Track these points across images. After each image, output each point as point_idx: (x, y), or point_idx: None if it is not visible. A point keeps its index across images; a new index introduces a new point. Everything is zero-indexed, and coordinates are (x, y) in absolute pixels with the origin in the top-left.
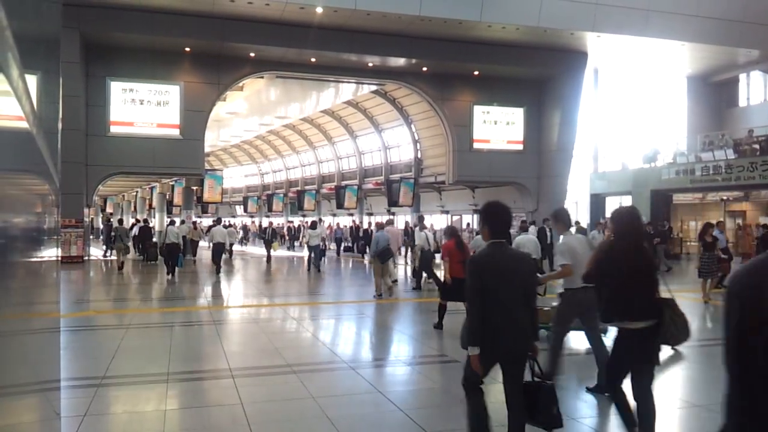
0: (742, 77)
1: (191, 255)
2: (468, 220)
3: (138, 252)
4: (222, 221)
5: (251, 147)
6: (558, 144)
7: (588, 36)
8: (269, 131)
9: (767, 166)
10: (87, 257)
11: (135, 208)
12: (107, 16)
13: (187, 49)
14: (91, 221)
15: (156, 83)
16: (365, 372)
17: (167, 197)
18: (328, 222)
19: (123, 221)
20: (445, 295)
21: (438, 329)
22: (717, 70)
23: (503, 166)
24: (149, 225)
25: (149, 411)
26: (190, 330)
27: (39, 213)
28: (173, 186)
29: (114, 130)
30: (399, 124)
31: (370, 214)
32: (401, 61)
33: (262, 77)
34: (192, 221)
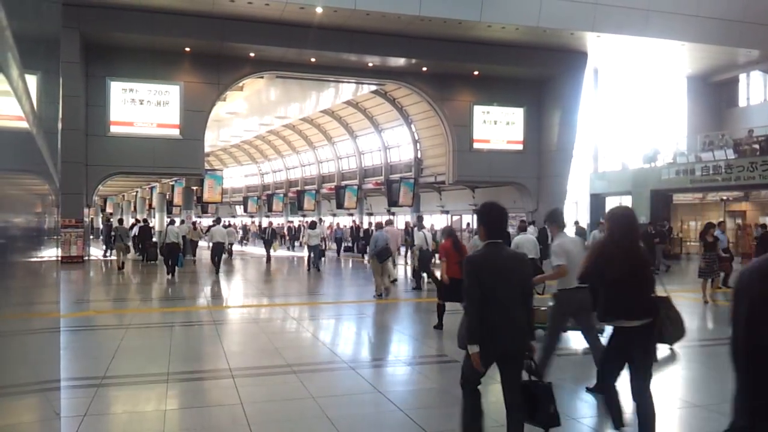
0: (742, 77)
1: (191, 255)
2: (468, 220)
3: (138, 252)
4: (221, 221)
5: (251, 147)
6: (558, 144)
7: (588, 36)
8: (269, 131)
9: (767, 166)
10: (87, 257)
11: (135, 208)
12: (107, 16)
13: (187, 49)
14: (91, 221)
15: (156, 83)
16: (365, 372)
17: (167, 197)
18: (328, 222)
19: (123, 221)
20: (443, 295)
21: (438, 329)
22: (717, 70)
23: (503, 166)
24: (149, 225)
25: (149, 411)
26: (190, 330)
27: (39, 213)
28: (173, 186)
29: (114, 130)
30: (399, 124)
31: (370, 214)
32: (401, 61)
33: (262, 77)
34: (192, 221)
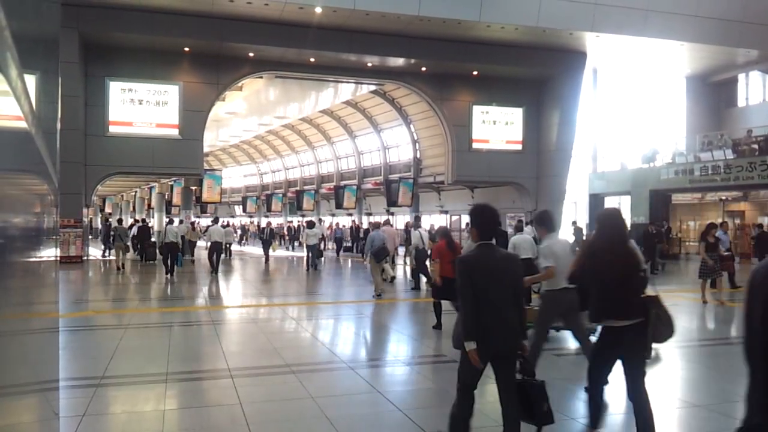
0: (741, 77)
1: (189, 255)
2: (467, 220)
3: (136, 252)
4: (219, 221)
5: (250, 147)
6: (557, 144)
7: (587, 36)
8: (268, 131)
9: (766, 166)
10: (86, 257)
11: (134, 208)
12: (106, 16)
13: (186, 49)
14: (90, 221)
15: (155, 83)
16: (364, 372)
17: (166, 197)
18: (328, 222)
19: (122, 221)
20: (437, 294)
21: (437, 329)
22: (716, 70)
23: (502, 166)
24: (148, 225)
25: (148, 411)
26: (188, 330)
27: (38, 213)
28: (172, 186)
29: (113, 130)
30: (398, 124)
31: (369, 214)
32: (400, 61)
33: (261, 77)
34: (190, 221)
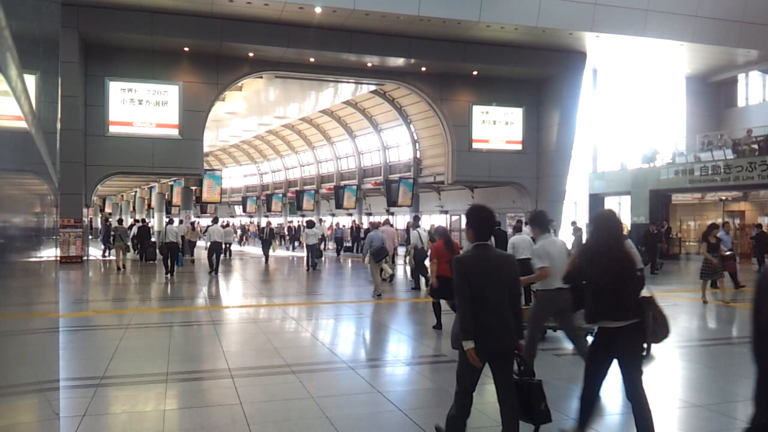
0: (740, 77)
1: (189, 255)
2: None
3: (136, 252)
4: (219, 221)
5: (250, 147)
6: (557, 144)
7: (587, 36)
8: (268, 131)
9: (766, 166)
10: (86, 257)
11: (134, 208)
12: (106, 16)
13: (186, 49)
14: (90, 221)
15: (155, 83)
16: (364, 372)
17: (166, 197)
18: (329, 222)
19: (123, 221)
20: (434, 293)
21: (437, 329)
22: (716, 70)
23: (502, 166)
24: (148, 225)
25: (148, 411)
26: (189, 330)
27: (38, 213)
28: (172, 186)
29: (113, 130)
30: (398, 124)
31: (369, 214)
32: (400, 61)
33: (260, 77)
34: (190, 221)
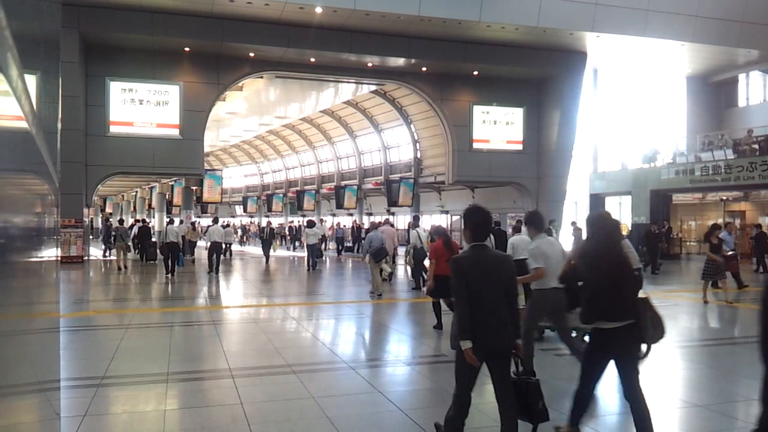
0: (741, 77)
1: (190, 255)
2: None
3: (137, 251)
4: (219, 221)
5: (251, 147)
6: (557, 144)
7: (587, 36)
8: (269, 131)
9: (766, 166)
10: (86, 257)
11: (134, 208)
12: (106, 16)
13: (187, 49)
14: (91, 221)
15: (155, 83)
16: (365, 372)
17: (167, 197)
18: (330, 222)
19: (123, 221)
20: (433, 293)
21: (438, 329)
22: (716, 70)
23: (503, 166)
24: (148, 225)
25: (149, 411)
26: (189, 330)
27: (38, 213)
28: (173, 186)
29: (113, 130)
30: (398, 124)
31: (369, 214)
32: (401, 61)
33: (261, 77)
34: (191, 221)
